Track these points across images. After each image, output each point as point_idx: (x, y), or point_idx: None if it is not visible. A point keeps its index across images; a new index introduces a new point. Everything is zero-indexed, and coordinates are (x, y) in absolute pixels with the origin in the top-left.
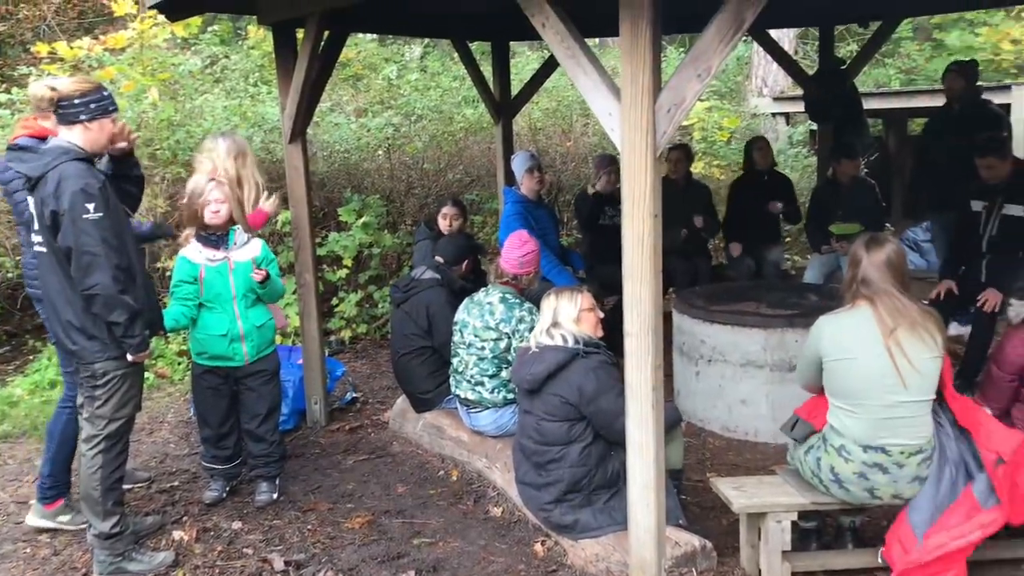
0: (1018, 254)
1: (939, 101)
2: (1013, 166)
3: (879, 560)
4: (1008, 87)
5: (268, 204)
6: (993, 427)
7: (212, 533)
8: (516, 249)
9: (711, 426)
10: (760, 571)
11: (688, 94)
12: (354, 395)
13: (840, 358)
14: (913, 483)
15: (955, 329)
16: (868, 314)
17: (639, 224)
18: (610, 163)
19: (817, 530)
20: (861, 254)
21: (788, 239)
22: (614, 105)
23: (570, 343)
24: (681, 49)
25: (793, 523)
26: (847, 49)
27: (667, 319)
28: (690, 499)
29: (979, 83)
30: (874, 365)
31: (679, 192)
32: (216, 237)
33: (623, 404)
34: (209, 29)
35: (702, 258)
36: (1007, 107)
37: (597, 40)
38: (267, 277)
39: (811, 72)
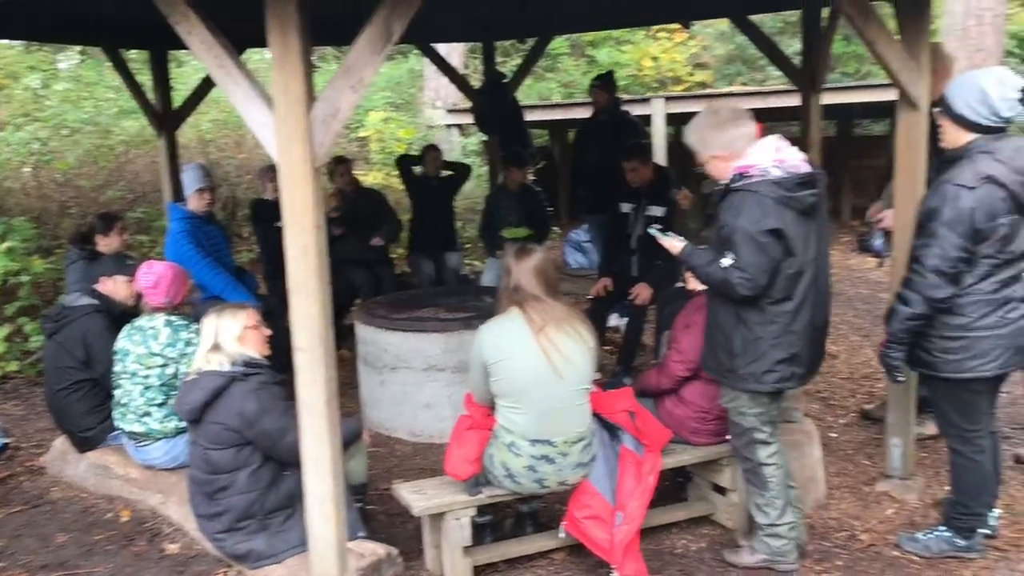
0: (661, 251)
1: (590, 111)
2: (654, 170)
3: (561, 535)
4: (648, 99)
5: None
6: (601, 395)
7: None
8: (150, 287)
9: (398, 433)
10: (444, 570)
11: (343, 105)
12: (4, 441)
13: (500, 359)
14: (576, 469)
15: (615, 321)
16: (519, 317)
17: (302, 236)
18: (273, 171)
19: (492, 524)
20: (512, 263)
21: (468, 245)
22: (268, 116)
23: (227, 366)
24: None
25: (472, 519)
26: (512, 64)
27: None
28: (378, 508)
29: (618, 94)
30: (530, 360)
31: (350, 201)
32: None
33: (288, 422)
34: None
35: (385, 268)
36: (648, 117)
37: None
38: None
39: (478, 85)
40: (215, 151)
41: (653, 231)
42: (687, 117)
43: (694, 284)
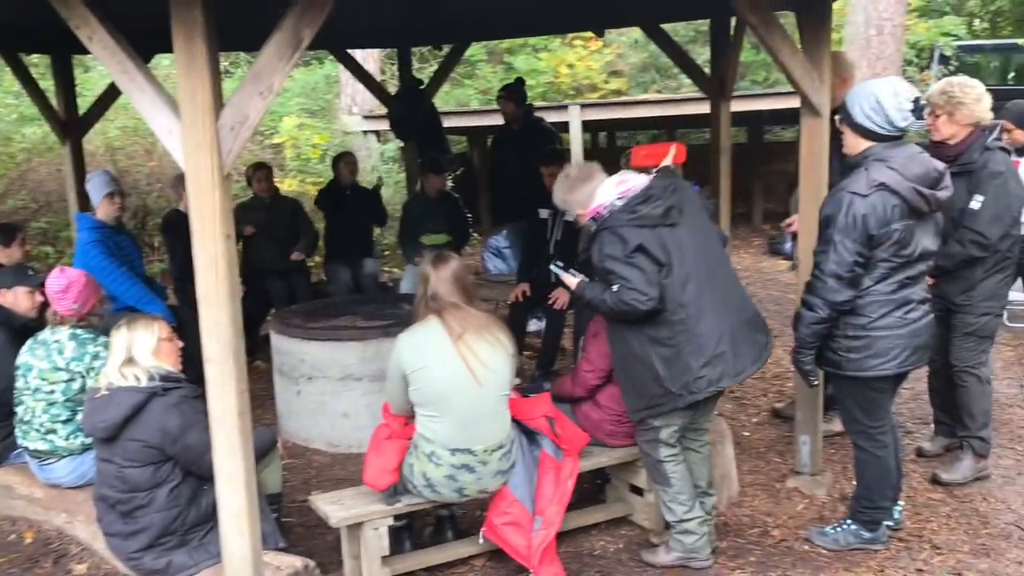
0: (579, 255)
1: None
2: None
3: (480, 541)
4: (565, 106)
5: None
6: (520, 401)
7: None
8: (60, 292)
9: (316, 444)
10: None
11: (252, 112)
12: None
13: (419, 368)
14: (496, 477)
15: (534, 326)
16: (437, 325)
17: (211, 246)
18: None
19: (410, 529)
20: (429, 271)
21: (387, 252)
22: (174, 123)
23: (144, 381)
24: None
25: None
26: (430, 70)
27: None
28: (296, 520)
29: (530, 102)
30: (450, 369)
31: (266, 208)
32: None
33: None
34: None
35: (300, 276)
36: (565, 124)
37: None
38: None
39: (394, 91)
40: (124, 159)
41: (555, 268)
42: (603, 124)
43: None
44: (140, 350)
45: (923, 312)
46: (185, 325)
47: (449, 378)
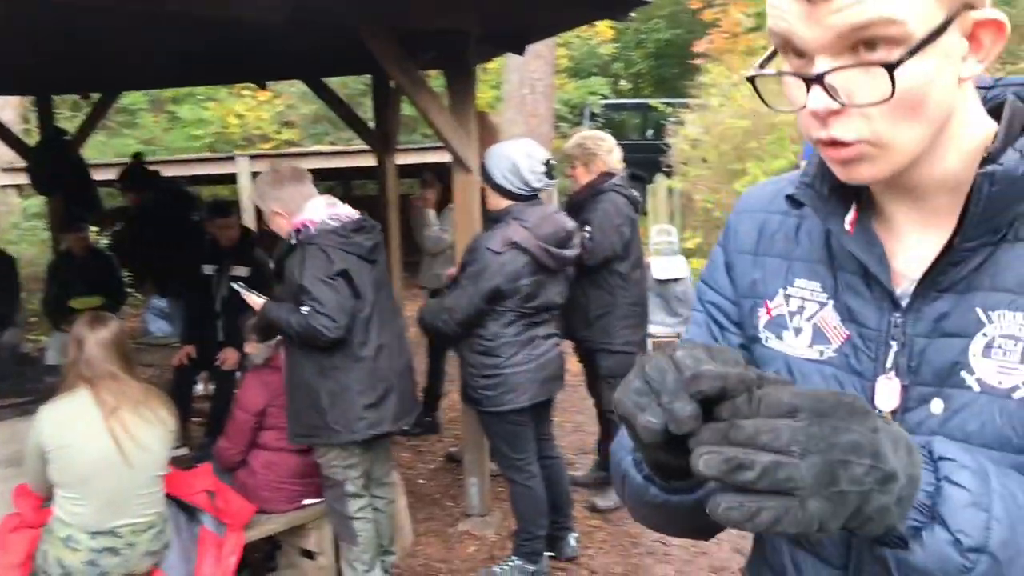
0: (248, 312)
1: (171, 171)
2: (240, 231)
3: None
4: (233, 157)
5: None
6: (178, 476)
7: None
8: None
9: None
10: None
11: None
12: None
13: (60, 446)
14: (145, 558)
15: (202, 389)
16: (87, 397)
17: None
18: None
19: None
20: (85, 334)
21: (35, 319)
22: None
23: None
24: None
25: None
26: (82, 119)
27: None
28: None
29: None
30: (97, 449)
31: None
32: None
33: None
34: None
35: None
36: (233, 176)
37: None
38: None
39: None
40: None
41: (237, 287)
42: None
43: (252, 347)
44: None
45: (548, 347)
46: None
47: (95, 459)
